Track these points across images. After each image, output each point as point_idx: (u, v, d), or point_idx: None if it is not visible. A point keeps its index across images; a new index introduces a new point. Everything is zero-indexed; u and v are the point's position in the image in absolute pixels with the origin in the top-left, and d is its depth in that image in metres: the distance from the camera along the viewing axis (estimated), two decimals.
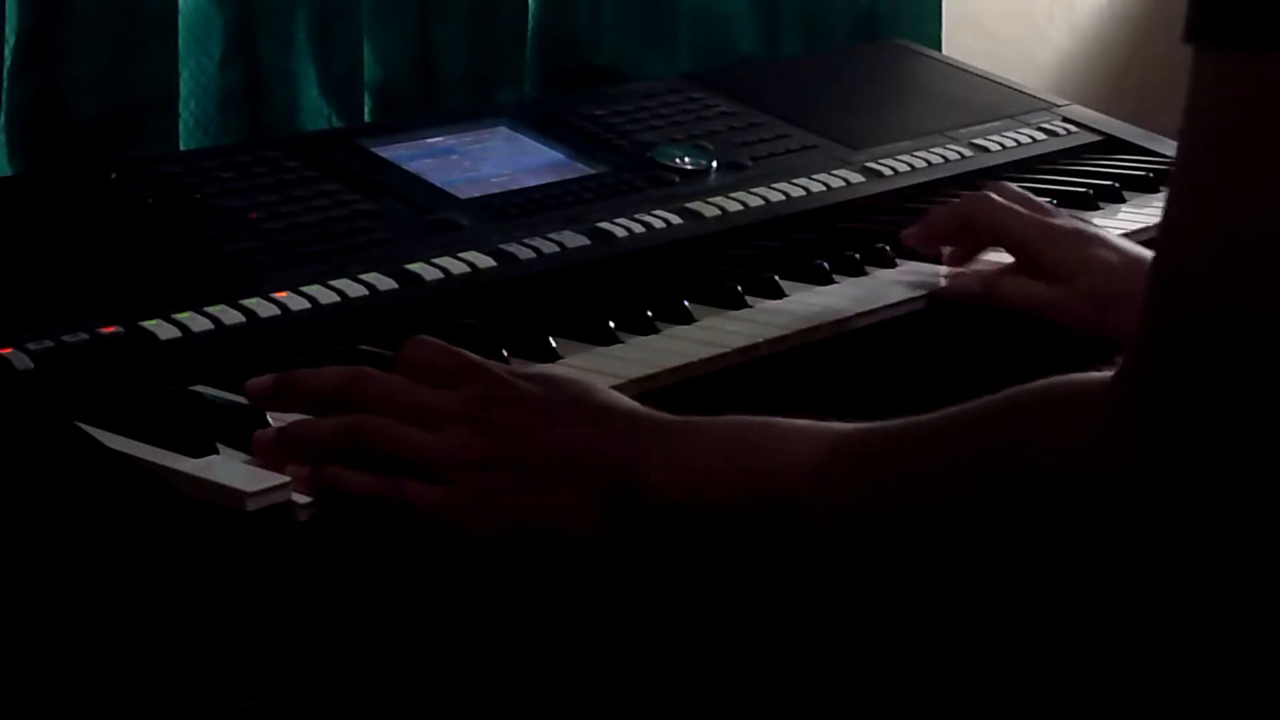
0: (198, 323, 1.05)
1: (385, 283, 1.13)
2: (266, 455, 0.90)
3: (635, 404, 0.91)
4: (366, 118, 1.55)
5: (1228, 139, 0.67)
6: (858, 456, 0.82)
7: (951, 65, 1.77)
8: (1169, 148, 1.59)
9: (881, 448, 0.81)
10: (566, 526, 0.87)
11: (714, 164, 1.40)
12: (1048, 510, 0.72)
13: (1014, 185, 1.28)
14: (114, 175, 1.22)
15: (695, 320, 1.14)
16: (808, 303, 1.18)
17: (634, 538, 0.87)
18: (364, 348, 1.07)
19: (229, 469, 0.88)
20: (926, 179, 1.47)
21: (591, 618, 0.92)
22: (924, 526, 0.78)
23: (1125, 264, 1.17)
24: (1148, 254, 1.18)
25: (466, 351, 0.95)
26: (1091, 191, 1.45)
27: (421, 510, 0.87)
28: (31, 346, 0.99)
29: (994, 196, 1.23)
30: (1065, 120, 1.65)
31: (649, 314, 1.12)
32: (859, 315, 1.18)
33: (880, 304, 1.20)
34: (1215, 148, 0.68)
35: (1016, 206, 1.22)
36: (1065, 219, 1.24)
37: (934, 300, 1.21)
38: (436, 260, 1.17)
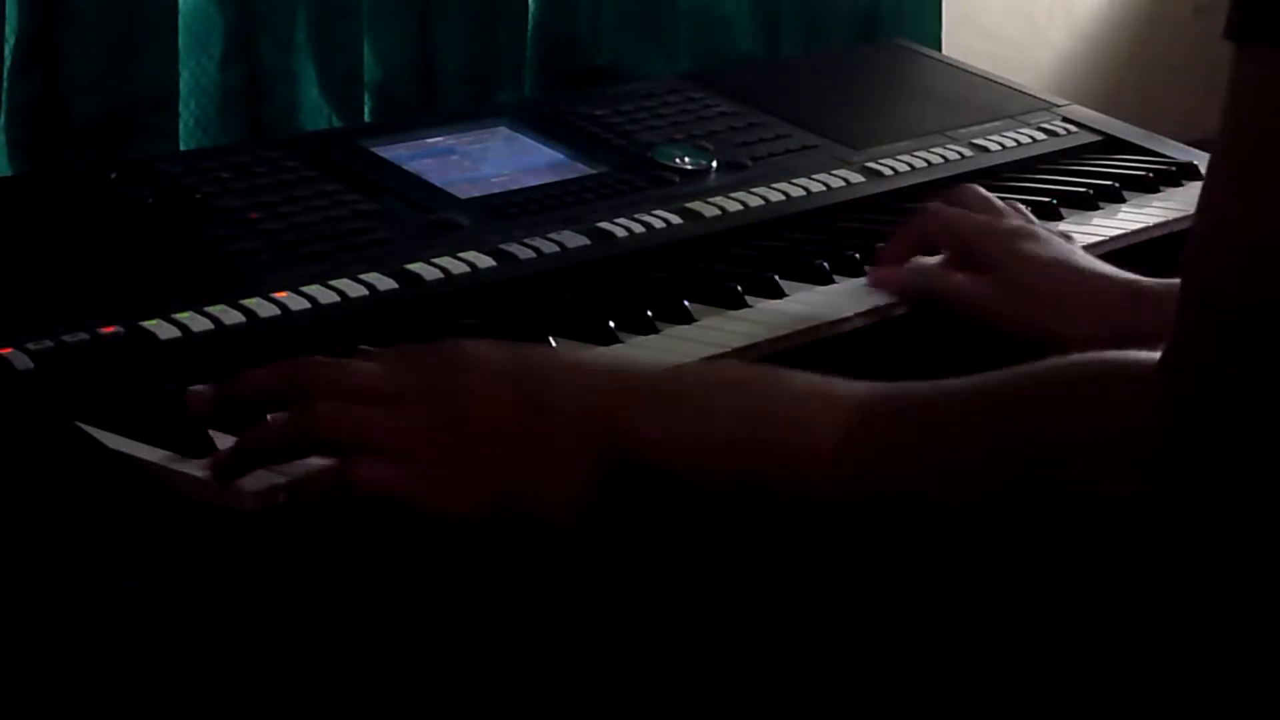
0: (198, 323, 1.05)
1: (385, 283, 1.13)
2: (224, 476, 0.85)
3: (612, 359, 0.86)
4: (366, 118, 1.55)
5: (1271, 132, 0.67)
6: (882, 434, 0.78)
7: (951, 65, 1.77)
8: (1169, 148, 1.59)
9: (909, 425, 0.78)
10: (550, 495, 0.80)
11: (714, 164, 1.40)
12: (1094, 495, 0.71)
13: (979, 188, 1.27)
14: (114, 175, 1.22)
15: (695, 320, 1.14)
16: (808, 303, 1.18)
17: (625, 505, 0.80)
18: (364, 348, 1.07)
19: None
20: (926, 179, 1.47)
21: (587, 607, 0.91)
22: (955, 511, 0.75)
23: (1051, 259, 1.17)
24: (1076, 252, 1.18)
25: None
26: (1091, 191, 1.45)
27: (391, 491, 0.80)
28: (31, 346, 0.99)
29: (944, 206, 1.23)
30: (1065, 120, 1.65)
31: (649, 314, 1.12)
32: (859, 315, 1.17)
33: (880, 304, 1.20)
34: (1259, 141, 0.67)
35: (964, 211, 1.22)
36: (1015, 219, 1.23)
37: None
38: (436, 260, 1.17)
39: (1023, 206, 1.26)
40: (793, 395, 0.81)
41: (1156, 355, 0.71)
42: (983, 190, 1.26)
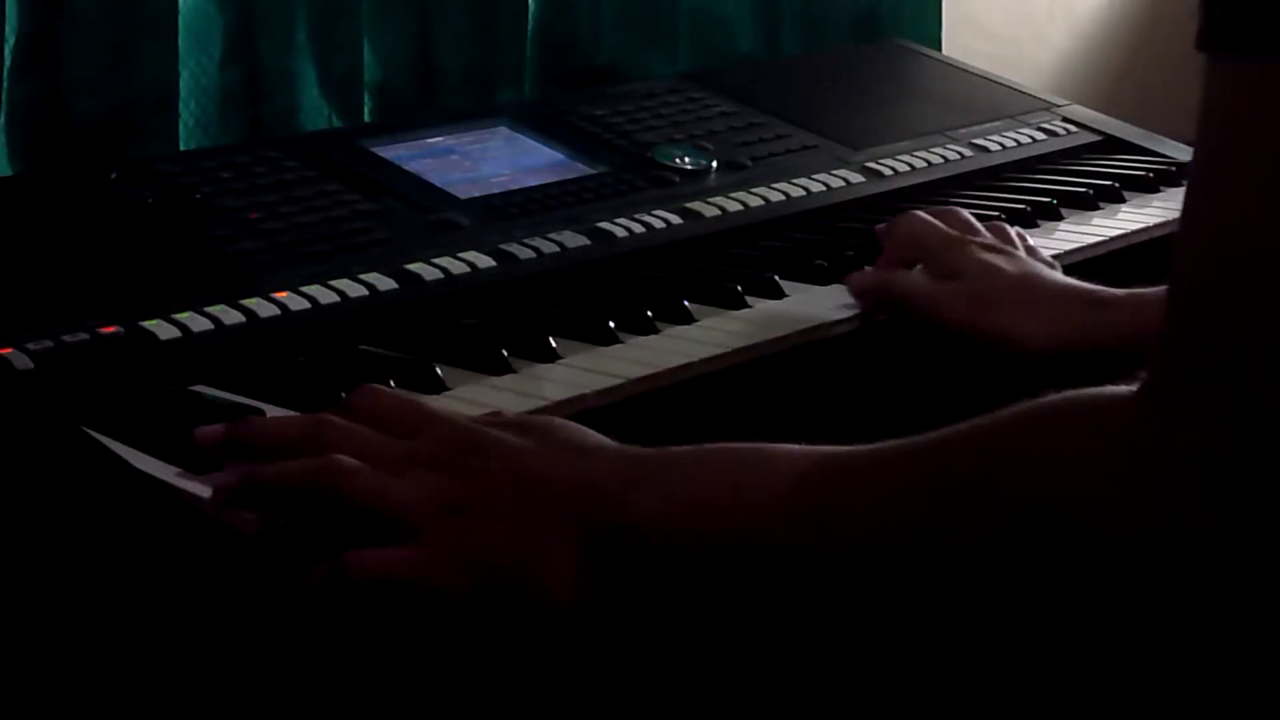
0: (198, 323, 1.05)
1: (385, 283, 1.13)
2: (228, 504, 0.85)
3: (607, 440, 0.87)
4: (366, 118, 1.55)
5: (1243, 143, 0.67)
6: (834, 479, 0.78)
7: (951, 65, 1.77)
8: (1169, 148, 1.59)
9: (865, 468, 0.78)
10: (544, 572, 0.82)
11: (714, 164, 1.40)
12: (1071, 532, 0.69)
13: (962, 212, 1.25)
14: (114, 175, 1.22)
15: (695, 320, 1.14)
16: (808, 303, 1.18)
17: (617, 579, 0.82)
18: (364, 348, 1.07)
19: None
20: (926, 179, 1.47)
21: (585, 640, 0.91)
22: (925, 553, 0.74)
23: (1015, 272, 1.16)
24: (1042, 268, 1.18)
25: (422, 401, 0.92)
26: (1091, 191, 1.45)
27: (398, 574, 0.82)
28: (31, 346, 0.99)
29: (919, 215, 1.22)
30: (1065, 120, 1.65)
31: (649, 314, 1.12)
32: (859, 316, 1.17)
33: None
34: (1231, 152, 0.67)
35: (935, 222, 1.21)
36: (988, 239, 1.21)
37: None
38: (436, 260, 1.17)
39: (1010, 230, 1.25)
40: (761, 454, 0.82)
41: (1132, 387, 0.71)
42: (966, 214, 1.25)
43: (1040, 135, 1.60)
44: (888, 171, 1.46)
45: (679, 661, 0.89)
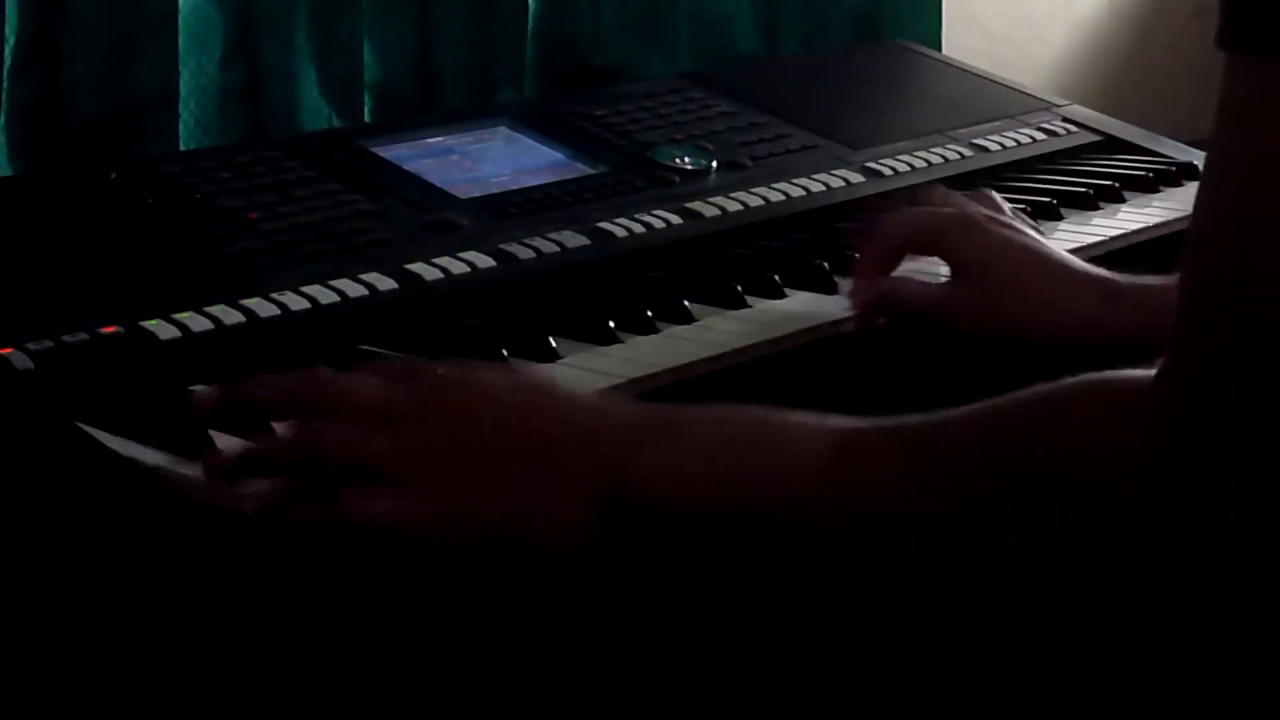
0: (198, 323, 1.05)
1: (385, 283, 1.13)
2: (221, 478, 0.85)
3: (603, 399, 0.88)
4: (366, 118, 1.55)
5: (1256, 139, 0.67)
6: (866, 457, 0.79)
7: (951, 65, 1.77)
8: (1169, 148, 1.59)
9: (895, 448, 0.79)
10: (549, 529, 0.82)
11: (714, 164, 1.40)
12: (1092, 514, 0.71)
13: (941, 187, 1.25)
14: (114, 175, 1.22)
15: (695, 320, 1.14)
16: (808, 303, 1.18)
17: (623, 539, 0.83)
18: (364, 347, 1.07)
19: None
20: (926, 179, 1.46)
21: (587, 619, 0.92)
22: (947, 530, 0.76)
23: (1024, 248, 1.15)
24: (1046, 243, 1.18)
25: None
26: (1091, 191, 1.45)
27: (385, 522, 0.82)
28: (31, 346, 0.99)
29: (907, 209, 1.21)
30: (1065, 120, 1.65)
31: (649, 314, 1.12)
32: (859, 315, 1.17)
33: None
34: (1244, 148, 0.68)
35: (929, 207, 1.20)
36: (983, 207, 1.20)
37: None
38: (436, 260, 1.17)
39: (995, 195, 1.24)
40: (780, 426, 0.83)
41: (1150, 371, 0.71)
42: (945, 189, 1.24)
43: (1040, 135, 1.60)
44: (888, 171, 1.46)
45: (684, 625, 0.90)
